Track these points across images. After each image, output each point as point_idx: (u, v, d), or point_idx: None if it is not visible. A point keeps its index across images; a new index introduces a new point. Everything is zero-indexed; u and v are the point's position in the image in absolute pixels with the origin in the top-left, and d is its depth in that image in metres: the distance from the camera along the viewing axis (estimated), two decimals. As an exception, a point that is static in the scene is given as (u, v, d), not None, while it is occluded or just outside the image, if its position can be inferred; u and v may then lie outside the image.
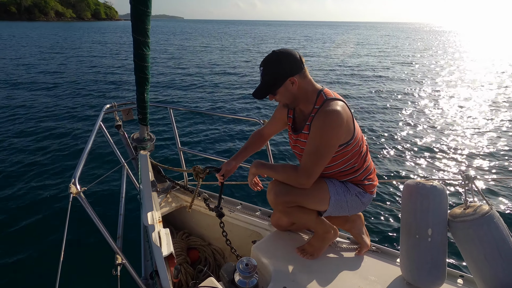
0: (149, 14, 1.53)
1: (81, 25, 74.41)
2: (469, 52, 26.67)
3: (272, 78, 1.33)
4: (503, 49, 30.53)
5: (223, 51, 22.97)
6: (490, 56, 23.17)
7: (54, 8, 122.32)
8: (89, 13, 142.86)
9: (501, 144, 5.79)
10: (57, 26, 65.02)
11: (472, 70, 15.70)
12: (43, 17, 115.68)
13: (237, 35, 45.30)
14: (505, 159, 5.14)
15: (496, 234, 1.18)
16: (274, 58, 1.32)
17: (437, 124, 7.05)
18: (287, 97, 1.37)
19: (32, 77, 11.63)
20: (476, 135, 6.30)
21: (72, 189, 1.11)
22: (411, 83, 12.01)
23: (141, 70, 1.66)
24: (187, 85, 11.09)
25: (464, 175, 1.33)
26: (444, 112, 8.09)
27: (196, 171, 1.75)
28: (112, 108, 2.06)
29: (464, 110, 8.27)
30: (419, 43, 35.81)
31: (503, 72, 14.99)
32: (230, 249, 1.67)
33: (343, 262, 1.54)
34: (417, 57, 21.09)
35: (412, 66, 16.53)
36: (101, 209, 3.47)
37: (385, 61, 18.55)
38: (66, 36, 36.11)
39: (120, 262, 1.23)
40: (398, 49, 26.61)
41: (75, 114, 7.32)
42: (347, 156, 1.40)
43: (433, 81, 12.52)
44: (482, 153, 5.42)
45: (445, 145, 5.79)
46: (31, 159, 4.85)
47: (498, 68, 16.69)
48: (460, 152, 5.46)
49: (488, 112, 8.10)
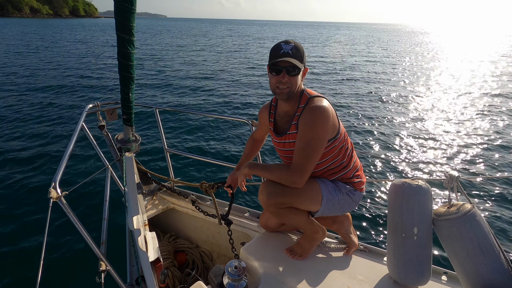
0: (134, 12, 1.49)
1: (58, 22, 71.33)
2: (450, 52, 27.64)
3: (301, 57, 1.33)
4: (483, 49, 31.86)
5: (208, 50, 22.79)
6: (472, 56, 24.12)
7: (28, 3, 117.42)
8: (67, 10, 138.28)
9: (484, 144, 6.02)
10: (33, 23, 62.04)
11: (456, 71, 16.26)
12: (17, 13, 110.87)
13: (222, 34, 45.08)
14: (488, 159, 5.35)
15: (478, 232, 1.22)
16: (300, 45, 1.35)
17: (421, 124, 7.26)
18: (296, 83, 1.35)
19: (7, 77, 11.12)
20: (460, 136, 6.53)
21: (52, 194, 1.06)
22: (395, 84, 12.32)
23: (125, 69, 1.61)
24: (173, 85, 10.93)
25: (448, 175, 1.37)
26: (428, 113, 8.34)
27: (204, 188, 1.77)
28: (95, 108, 2.00)
29: (448, 111, 8.56)
30: (402, 44, 36.77)
31: (485, 72, 15.62)
32: (234, 254, 1.65)
33: (332, 262, 1.56)
34: (400, 57, 21.66)
35: (396, 67, 16.96)
36: (84, 214, 3.34)
37: (370, 62, 18.93)
38: (44, 33, 34.68)
39: (104, 268, 1.19)
40: (382, 50, 27.21)
41: (56, 115, 7.04)
42: (335, 152, 1.43)
43: (416, 82, 12.89)
44: (465, 153, 5.62)
45: (430, 145, 5.97)
46: (8, 163, 4.62)
47: (480, 68, 17.40)
48: (445, 152, 5.64)
49: (471, 112, 8.42)
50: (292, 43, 1.33)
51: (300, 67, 1.32)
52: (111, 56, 17.63)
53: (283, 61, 1.30)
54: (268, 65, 1.36)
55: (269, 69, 1.36)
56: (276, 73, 1.33)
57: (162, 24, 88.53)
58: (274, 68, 1.33)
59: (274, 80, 1.35)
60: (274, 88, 1.37)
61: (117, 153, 2.07)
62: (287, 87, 1.34)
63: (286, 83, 1.33)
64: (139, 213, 1.50)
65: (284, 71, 1.31)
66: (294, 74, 1.33)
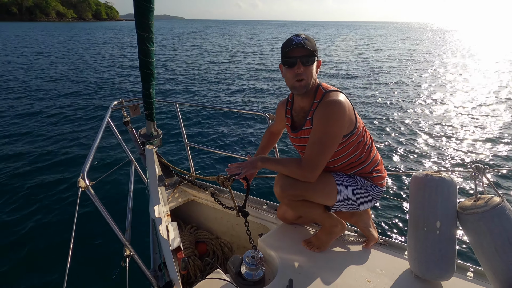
0: (152, 10, 1.53)
1: (83, 25, 74.40)
2: (475, 48, 26.18)
3: (313, 47, 1.30)
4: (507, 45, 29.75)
5: (227, 49, 22.97)
6: (497, 51, 22.59)
7: (55, 8, 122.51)
8: (90, 13, 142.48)
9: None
10: (59, 26, 65.07)
11: (479, 64, 15.34)
12: (44, 18, 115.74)
13: (240, 35, 45.03)
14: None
15: (507, 226, 1.15)
16: (310, 37, 1.33)
17: (445, 115, 6.91)
18: (311, 74, 1.33)
19: (41, 76, 11.84)
20: (486, 126, 6.16)
21: (80, 183, 1.12)
22: (417, 77, 11.78)
23: (146, 65, 1.66)
24: (193, 82, 11.13)
25: (474, 166, 1.30)
26: (452, 103, 7.92)
27: (221, 181, 1.80)
28: (120, 105, 2.08)
29: (473, 100, 8.10)
30: (426, 41, 35.05)
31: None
32: (252, 246, 1.68)
33: (350, 255, 1.54)
34: (423, 53, 20.67)
35: (419, 62, 16.21)
36: (110, 203, 3.55)
37: (391, 57, 18.20)
38: (71, 35, 36.35)
39: (129, 254, 1.25)
40: (403, 47, 26.08)
41: (84, 111, 7.45)
42: (353, 147, 1.39)
43: (440, 74, 12.27)
44: (492, 143, 5.30)
45: (455, 136, 5.68)
46: (41, 155, 4.98)
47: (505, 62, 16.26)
48: (470, 143, 5.35)
49: (498, 101, 7.90)
50: (302, 35, 1.31)
51: (314, 55, 1.29)
52: (133, 56, 18.20)
53: (297, 50, 1.27)
54: (281, 60, 1.34)
55: (283, 63, 1.33)
56: (290, 66, 1.30)
57: (181, 26, 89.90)
58: (288, 60, 1.30)
59: (289, 74, 1.32)
60: (293, 83, 1.33)
61: (141, 147, 2.15)
62: (303, 78, 1.31)
63: (302, 74, 1.30)
64: (160, 202, 1.56)
65: (299, 62, 1.28)
66: (309, 63, 1.30)
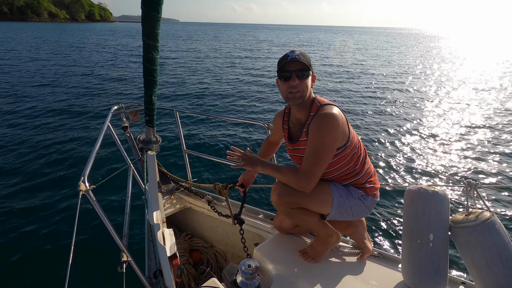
0: (159, 19, 1.57)
1: (76, 27, 73.13)
2: (467, 57, 26.60)
3: (308, 62, 1.37)
4: (500, 53, 30.39)
5: (225, 54, 23.08)
6: (489, 61, 23.08)
7: (47, 8, 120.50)
8: (83, 14, 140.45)
9: (504, 151, 5.77)
10: (51, 27, 63.74)
11: (473, 76, 15.64)
12: (36, 18, 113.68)
13: (237, 39, 45.51)
14: (508, 166, 5.10)
15: (497, 240, 1.18)
16: (305, 53, 1.40)
17: (439, 130, 7.02)
18: (306, 87, 1.39)
19: (38, 79, 11.79)
20: (479, 142, 6.27)
21: (81, 187, 1.14)
22: (411, 90, 11.97)
23: (150, 73, 1.70)
24: (193, 89, 11.18)
25: (466, 181, 1.34)
26: (446, 119, 8.05)
27: (218, 189, 1.81)
28: (120, 110, 2.11)
29: (466, 116, 8.24)
30: (417, 48, 35.72)
31: (504, 77, 14.87)
32: (246, 255, 1.68)
33: (345, 267, 1.55)
34: (416, 63, 21.03)
35: (412, 73, 16.47)
36: (108, 207, 3.55)
37: (385, 68, 18.49)
38: (66, 37, 36.02)
39: (126, 259, 1.25)
40: (397, 55, 26.53)
41: (84, 116, 7.43)
42: (346, 160, 1.43)
43: (434, 88, 12.47)
44: (484, 159, 5.40)
45: (448, 151, 5.77)
46: (42, 158, 4.96)
47: (498, 73, 16.61)
48: (463, 158, 5.44)
49: (491, 118, 8.06)
50: (297, 51, 1.39)
51: (309, 69, 1.36)
52: (131, 60, 18.26)
53: (292, 64, 1.34)
54: (277, 74, 1.41)
55: (279, 77, 1.40)
56: (286, 79, 1.37)
57: (176, 28, 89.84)
58: (284, 74, 1.37)
59: (284, 87, 1.39)
60: (286, 95, 1.40)
61: (139, 152, 2.17)
62: (298, 91, 1.37)
63: (297, 87, 1.36)
64: (159, 209, 1.57)
65: (294, 75, 1.35)
66: (304, 77, 1.36)
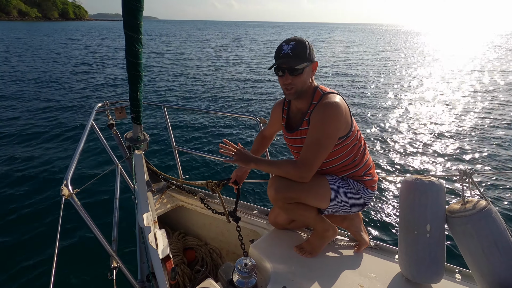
0: (142, 10, 1.49)
1: (49, 25, 69.30)
2: (456, 51, 27.29)
3: (303, 53, 1.29)
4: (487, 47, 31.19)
5: (210, 51, 22.79)
6: (478, 53, 23.62)
7: (16, 6, 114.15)
8: (56, 13, 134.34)
9: (498, 139, 5.90)
10: (23, 26, 59.86)
11: (465, 67, 15.96)
12: (5, 17, 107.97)
13: (219, 36, 44.85)
14: (502, 154, 5.22)
15: (494, 229, 1.18)
16: (303, 40, 1.31)
17: (434, 120, 7.13)
18: (303, 81, 1.33)
19: (15, 78, 11.31)
20: (474, 131, 6.40)
21: (64, 191, 1.07)
22: (405, 82, 12.13)
23: (133, 67, 1.62)
24: (180, 84, 10.99)
25: (462, 171, 1.33)
26: (441, 108, 8.20)
27: (210, 186, 1.76)
28: (104, 107, 2.02)
29: (461, 106, 8.41)
30: (407, 43, 36.23)
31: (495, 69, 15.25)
32: (243, 252, 1.65)
33: (342, 260, 1.54)
34: (406, 56, 21.32)
35: (404, 65, 16.70)
36: (95, 211, 3.40)
37: (377, 61, 18.67)
38: (41, 36, 34.14)
39: (116, 265, 1.20)
40: (388, 49, 26.82)
41: (66, 114, 7.16)
42: (347, 150, 1.41)
43: (427, 79, 12.68)
44: (479, 148, 5.50)
45: (443, 141, 5.86)
46: (21, 161, 4.71)
47: (487, 60, 17.02)
48: (458, 148, 5.53)
49: (485, 107, 8.24)
50: (293, 41, 1.30)
51: (300, 68, 1.29)
52: (115, 57, 17.78)
53: (284, 61, 1.29)
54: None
55: (274, 71, 1.36)
56: (279, 76, 1.34)
57: (155, 26, 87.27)
58: (276, 71, 1.34)
59: (280, 81, 1.36)
60: (283, 89, 1.39)
61: (127, 151, 2.09)
62: (292, 87, 1.34)
63: (291, 84, 1.33)
64: (149, 210, 1.51)
65: (287, 73, 1.31)
66: (296, 74, 1.31)
